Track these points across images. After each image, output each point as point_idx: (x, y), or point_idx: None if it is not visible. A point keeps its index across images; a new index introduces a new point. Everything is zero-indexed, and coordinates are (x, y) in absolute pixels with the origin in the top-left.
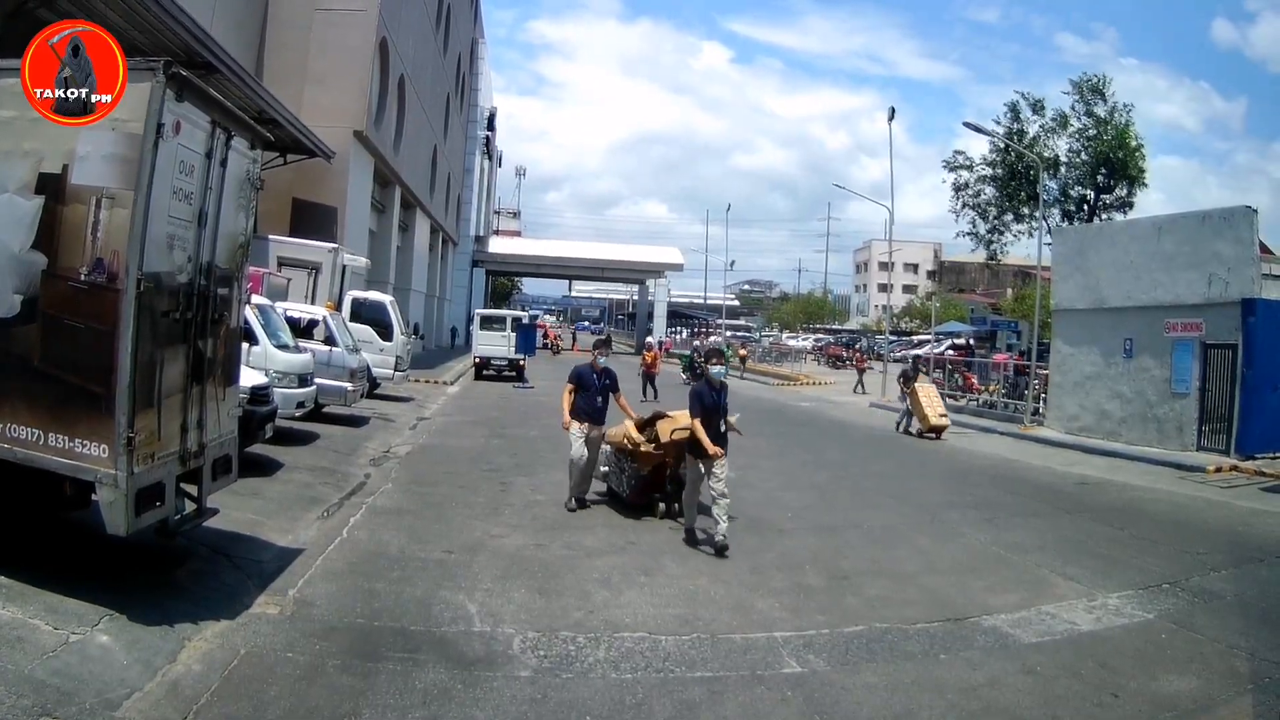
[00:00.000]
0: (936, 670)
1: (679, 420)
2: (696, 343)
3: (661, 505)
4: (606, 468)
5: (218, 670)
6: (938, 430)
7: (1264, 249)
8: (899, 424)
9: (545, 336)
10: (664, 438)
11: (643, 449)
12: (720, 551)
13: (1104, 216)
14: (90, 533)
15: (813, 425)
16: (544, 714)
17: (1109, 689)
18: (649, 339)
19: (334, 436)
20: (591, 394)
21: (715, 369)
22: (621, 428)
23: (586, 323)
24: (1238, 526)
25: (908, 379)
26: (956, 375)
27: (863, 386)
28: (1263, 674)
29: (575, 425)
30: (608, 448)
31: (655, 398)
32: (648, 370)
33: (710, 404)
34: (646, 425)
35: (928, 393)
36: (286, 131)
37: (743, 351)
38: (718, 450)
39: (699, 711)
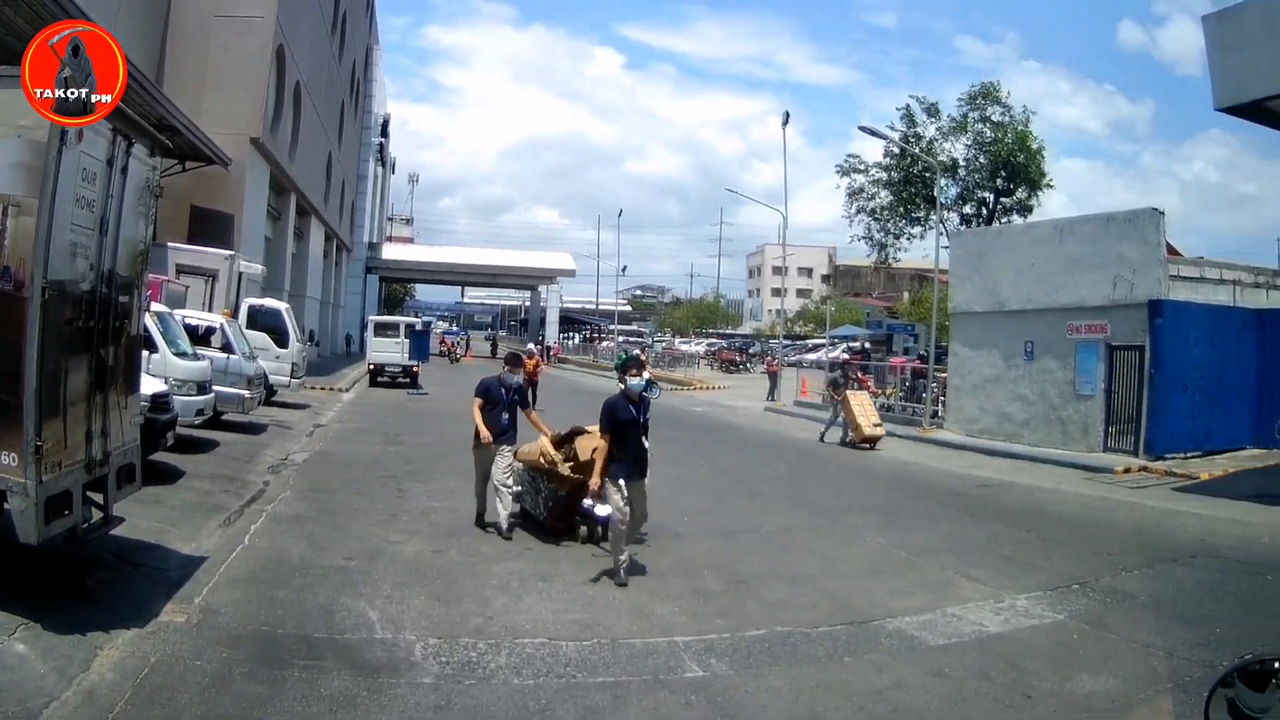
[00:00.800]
0: (841, 673)
1: (597, 437)
2: (636, 351)
3: (583, 529)
4: (520, 487)
5: (130, 679)
6: (872, 440)
7: (1171, 250)
8: (824, 434)
9: (442, 344)
10: (583, 456)
11: (560, 469)
12: (618, 579)
13: (1004, 219)
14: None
15: (708, 430)
16: None
17: (1021, 690)
18: (530, 345)
19: (233, 444)
20: (498, 409)
21: (634, 381)
22: (536, 444)
23: (456, 328)
24: (1150, 526)
25: (836, 386)
26: (853, 378)
27: (777, 392)
28: (1182, 673)
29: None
30: (519, 465)
31: (534, 403)
32: (529, 377)
33: (626, 419)
34: (564, 442)
35: (860, 400)
36: (185, 139)
37: (644, 357)
38: (594, 483)
39: (603, 716)
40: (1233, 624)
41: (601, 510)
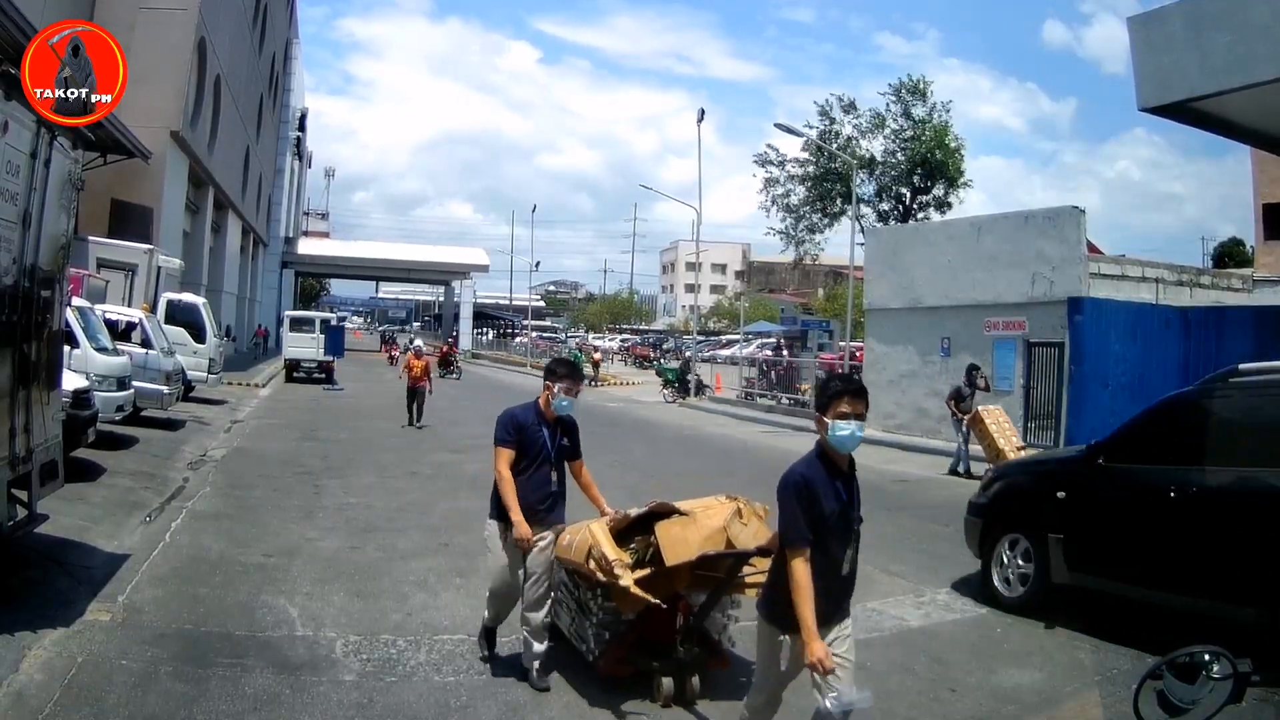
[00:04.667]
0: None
1: (703, 520)
2: (688, 353)
3: (666, 682)
4: (558, 600)
5: (58, 679)
6: None
7: (1093, 249)
8: (957, 464)
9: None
10: (670, 556)
11: (625, 580)
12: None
13: (921, 216)
14: None
15: (620, 425)
16: (371, 718)
17: (946, 684)
18: (416, 341)
19: (152, 440)
20: (537, 463)
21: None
22: (582, 532)
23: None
24: None
25: (962, 399)
26: (774, 374)
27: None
28: (1109, 665)
29: (496, 527)
30: (561, 573)
31: (419, 420)
32: (414, 383)
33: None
34: (633, 530)
35: (997, 418)
36: (107, 131)
37: (597, 356)
38: (814, 651)
39: (524, 713)
40: (1159, 617)
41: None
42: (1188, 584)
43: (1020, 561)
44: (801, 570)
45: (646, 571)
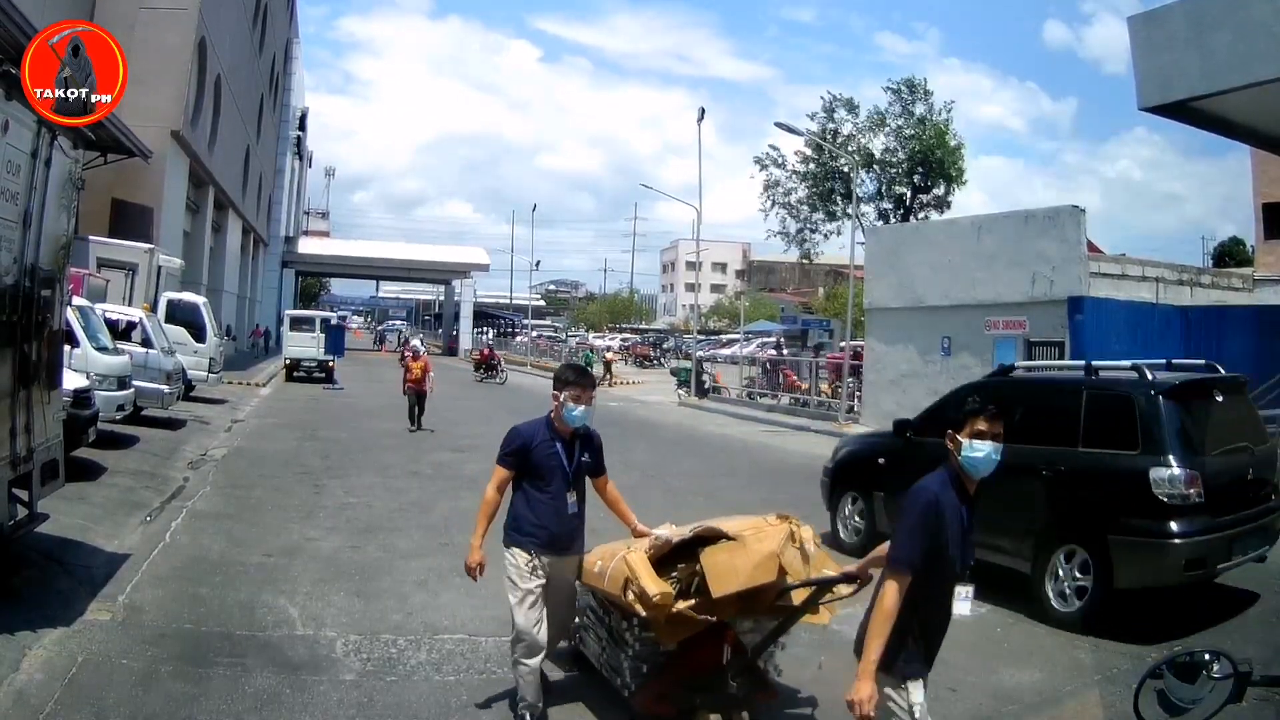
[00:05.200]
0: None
1: (753, 545)
2: (699, 353)
3: (714, 719)
4: (584, 625)
5: (59, 678)
6: None
7: (1093, 248)
8: None
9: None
10: (718, 586)
11: (667, 611)
12: None
13: (921, 215)
14: None
15: (620, 425)
16: (372, 718)
17: (946, 684)
18: (414, 340)
19: (153, 439)
20: (554, 484)
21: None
22: (617, 563)
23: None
24: None
25: None
26: (778, 373)
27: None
28: (1109, 665)
29: (518, 557)
30: (587, 597)
31: (419, 424)
32: (415, 385)
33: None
34: (678, 555)
35: None
36: (108, 131)
37: (610, 356)
38: (862, 694)
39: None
40: (1159, 616)
41: None
42: (987, 539)
43: (857, 516)
44: (894, 596)
45: (691, 603)
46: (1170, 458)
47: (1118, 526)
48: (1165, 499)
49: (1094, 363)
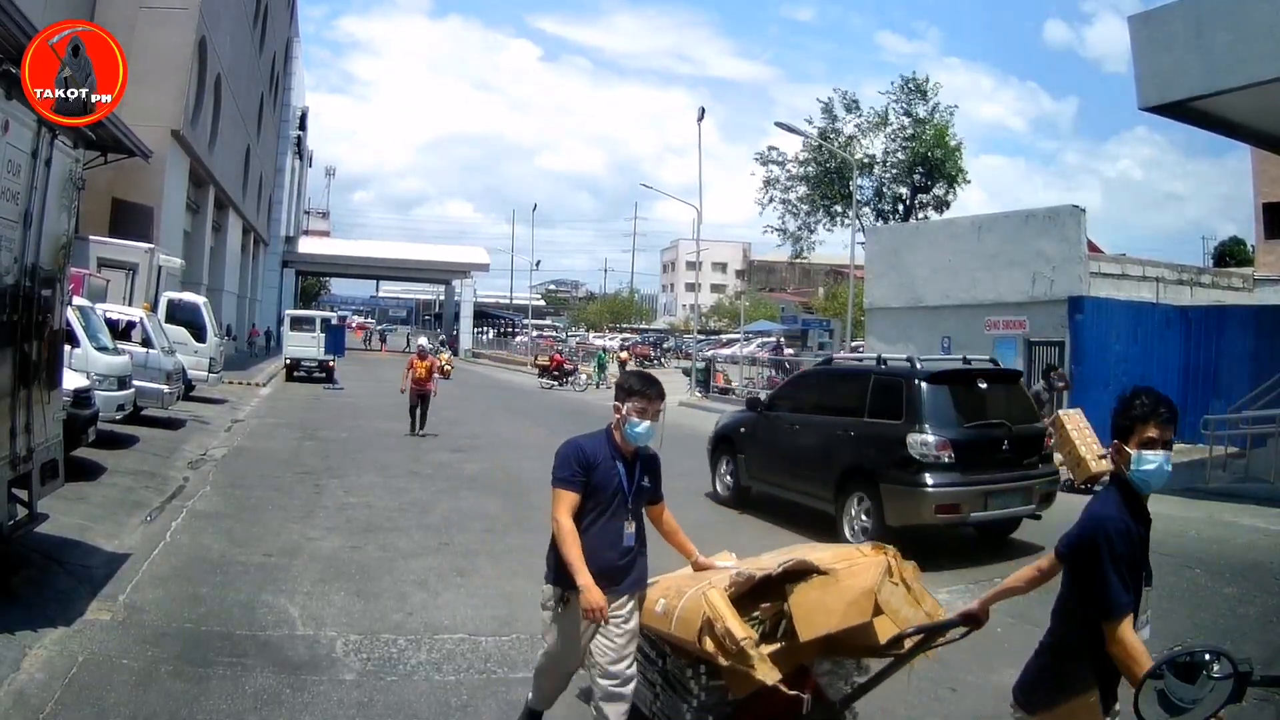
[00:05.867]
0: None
1: (846, 580)
2: (709, 352)
3: None
4: (636, 668)
5: (60, 678)
6: (1098, 478)
7: (1093, 248)
8: None
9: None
10: (807, 628)
11: (750, 654)
12: None
13: (920, 215)
14: None
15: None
16: (372, 717)
17: (945, 683)
18: (420, 340)
19: (153, 439)
20: (611, 510)
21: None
22: (694, 601)
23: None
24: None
25: (1040, 403)
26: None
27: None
28: None
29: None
30: (640, 638)
31: (422, 428)
32: (419, 386)
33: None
34: (759, 593)
35: (1077, 423)
36: (108, 130)
37: (624, 355)
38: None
39: None
40: (1159, 616)
41: None
42: (795, 482)
43: (729, 475)
44: (1135, 642)
45: (776, 647)
46: (925, 427)
47: (887, 478)
48: (919, 458)
49: (884, 355)
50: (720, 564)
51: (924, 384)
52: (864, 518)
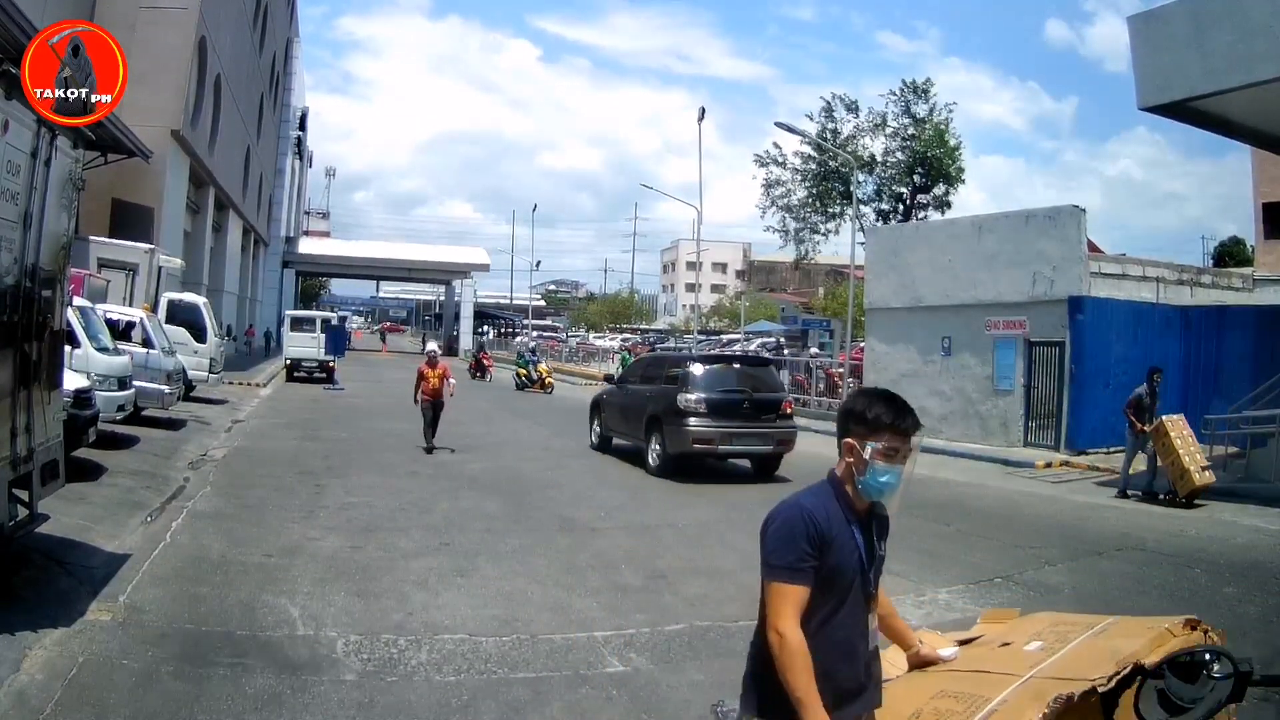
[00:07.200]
0: None
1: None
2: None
3: None
4: None
5: (60, 679)
6: (1200, 492)
7: (1093, 247)
8: (1126, 486)
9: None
10: None
11: None
12: None
13: (920, 215)
14: None
15: None
16: (372, 718)
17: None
18: (430, 345)
19: (153, 439)
20: (849, 599)
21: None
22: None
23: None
24: (1073, 520)
25: (1141, 409)
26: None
27: None
28: None
29: None
30: None
31: (433, 440)
32: (433, 396)
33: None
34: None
35: (1181, 430)
36: (108, 131)
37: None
38: None
39: (525, 713)
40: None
41: None
42: (626, 428)
43: (596, 428)
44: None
45: None
46: (689, 390)
47: (668, 422)
48: (684, 409)
49: (684, 346)
50: (944, 653)
51: (693, 365)
52: (657, 448)
